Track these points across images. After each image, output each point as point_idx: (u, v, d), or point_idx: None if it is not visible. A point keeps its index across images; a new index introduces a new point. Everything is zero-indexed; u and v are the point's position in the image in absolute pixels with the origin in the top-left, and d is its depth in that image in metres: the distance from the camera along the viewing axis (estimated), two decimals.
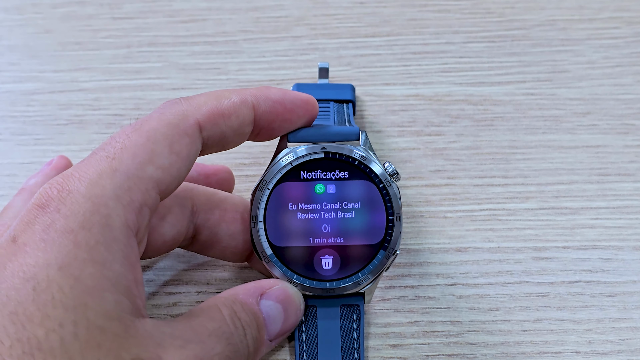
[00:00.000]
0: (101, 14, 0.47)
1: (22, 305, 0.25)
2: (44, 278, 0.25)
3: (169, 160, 0.28)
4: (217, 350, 0.28)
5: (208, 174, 0.36)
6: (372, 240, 0.32)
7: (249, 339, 0.30)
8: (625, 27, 0.46)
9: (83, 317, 0.25)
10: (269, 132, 0.32)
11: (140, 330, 0.26)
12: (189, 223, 0.33)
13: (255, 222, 0.32)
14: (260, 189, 0.32)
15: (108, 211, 0.27)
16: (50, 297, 0.25)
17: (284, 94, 0.32)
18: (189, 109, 0.30)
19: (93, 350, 0.25)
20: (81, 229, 0.26)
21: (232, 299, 0.30)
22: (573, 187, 0.39)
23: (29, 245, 0.26)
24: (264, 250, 0.32)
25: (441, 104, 0.42)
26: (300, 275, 0.32)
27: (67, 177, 0.27)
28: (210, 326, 0.29)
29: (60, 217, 0.26)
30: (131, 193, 0.27)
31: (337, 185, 0.32)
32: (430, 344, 0.34)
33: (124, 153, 0.28)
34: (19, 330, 0.24)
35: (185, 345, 0.27)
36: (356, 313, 0.33)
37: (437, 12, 0.47)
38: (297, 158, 0.32)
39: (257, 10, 0.47)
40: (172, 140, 0.29)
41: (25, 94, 0.44)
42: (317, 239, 0.32)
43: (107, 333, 0.25)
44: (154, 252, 0.33)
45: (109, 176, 0.27)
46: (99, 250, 0.26)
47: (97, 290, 0.25)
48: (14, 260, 0.26)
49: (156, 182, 0.28)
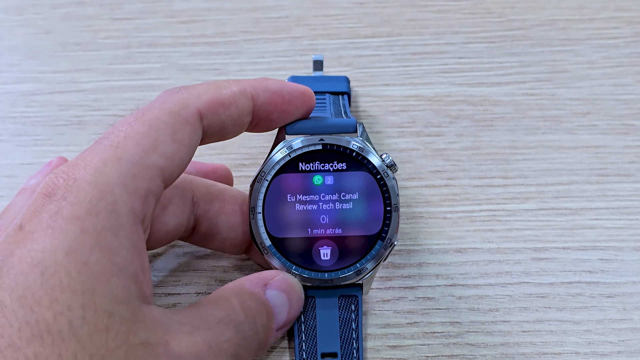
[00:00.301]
0: (101, 15, 0.47)
1: (30, 290, 0.25)
2: (51, 263, 0.25)
3: (172, 148, 0.29)
4: (226, 337, 0.28)
5: (206, 172, 0.37)
6: (370, 231, 0.33)
7: (260, 327, 0.30)
8: (625, 27, 0.46)
9: (91, 301, 0.25)
10: (267, 122, 0.33)
11: (147, 315, 0.27)
12: (190, 214, 0.33)
13: (254, 213, 0.33)
14: (258, 181, 0.33)
15: (114, 198, 0.27)
16: (59, 281, 0.25)
17: (282, 85, 0.32)
18: (189, 98, 0.30)
19: (101, 333, 0.25)
20: (88, 215, 0.26)
21: (240, 289, 0.31)
22: (573, 188, 0.39)
23: (36, 232, 0.26)
24: (263, 241, 0.33)
25: (441, 105, 0.42)
26: (299, 266, 0.33)
27: (73, 166, 0.27)
28: (218, 314, 0.29)
29: (67, 204, 0.26)
30: (136, 181, 0.28)
31: (335, 176, 0.33)
32: (429, 344, 0.34)
33: (127, 141, 0.28)
34: (28, 313, 0.24)
35: (193, 332, 0.28)
36: (354, 304, 0.33)
37: (437, 13, 0.47)
38: (295, 150, 0.33)
39: (257, 10, 0.47)
40: (174, 128, 0.29)
41: (25, 95, 0.44)
42: (316, 230, 0.33)
43: (115, 317, 0.25)
44: (156, 243, 0.33)
45: (114, 164, 0.27)
46: (106, 236, 0.26)
47: (104, 275, 0.26)
48: (21, 247, 0.26)
49: (160, 170, 0.28)
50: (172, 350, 0.27)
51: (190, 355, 0.27)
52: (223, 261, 0.36)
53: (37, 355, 0.24)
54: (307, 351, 0.32)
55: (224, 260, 0.36)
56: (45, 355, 0.24)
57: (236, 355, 0.29)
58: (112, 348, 0.25)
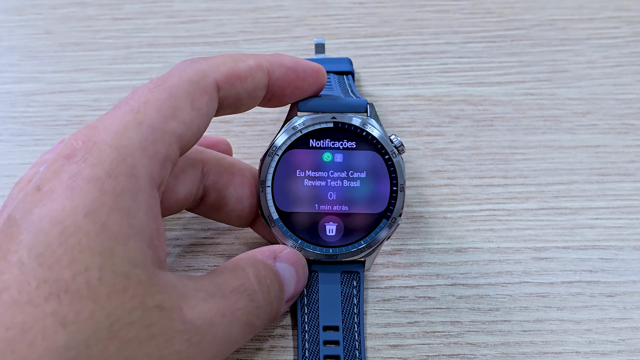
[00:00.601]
0: (101, 15, 0.47)
1: (49, 248, 0.25)
2: (71, 223, 0.25)
3: (190, 116, 0.29)
4: (240, 305, 0.29)
5: (209, 145, 0.37)
6: (375, 209, 0.33)
7: (273, 298, 0.30)
8: (625, 27, 0.46)
9: (109, 262, 0.25)
10: (280, 98, 0.33)
11: (163, 279, 0.27)
12: (200, 184, 0.34)
13: (263, 186, 0.33)
14: (269, 155, 0.33)
15: (134, 161, 0.27)
16: (78, 241, 0.25)
17: (297, 61, 0.33)
18: (208, 69, 0.30)
19: (118, 294, 0.25)
20: (108, 177, 0.26)
21: (254, 260, 0.31)
22: (573, 187, 0.39)
23: (56, 192, 0.26)
24: (271, 214, 0.33)
25: (441, 105, 0.42)
26: (304, 240, 0.33)
27: (93, 129, 0.28)
28: (234, 283, 0.29)
29: (87, 165, 0.26)
30: (156, 145, 0.28)
31: (345, 154, 0.33)
32: (430, 344, 0.34)
33: (148, 107, 0.28)
34: (46, 271, 0.25)
35: (208, 299, 0.28)
36: (356, 280, 0.34)
37: (436, 13, 0.47)
38: (307, 126, 0.33)
39: (257, 10, 0.47)
40: (193, 97, 0.29)
41: (25, 95, 0.44)
42: (323, 206, 0.33)
43: (131, 279, 0.26)
44: (166, 210, 0.33)
45: (135, 128, 0.28)
46: (125, 198, 0.26)
47: (122, 237, 0.26)
48: (41, 205, 0.26)
49: (178, 137, 0.29)
50: (186, 316, 0.27)
51: (204, 321, 0.27)
52: (228, 225, 0.36)
53: (54, 313, 0.24)
54: (310, 324, 0.33)
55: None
56: (64, 312, 0.24)
57: (249, 324, 0.29)
58: (129, 309, 0.25)
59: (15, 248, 0.25)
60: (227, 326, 0.28)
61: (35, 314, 0.24)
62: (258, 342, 0.34)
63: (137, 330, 0.25)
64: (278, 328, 0.34)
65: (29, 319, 0.24)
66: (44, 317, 0.24)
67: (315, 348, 0.32)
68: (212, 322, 0.28)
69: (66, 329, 0.24)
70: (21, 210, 0.26)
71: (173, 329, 0.26)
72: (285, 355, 0.33)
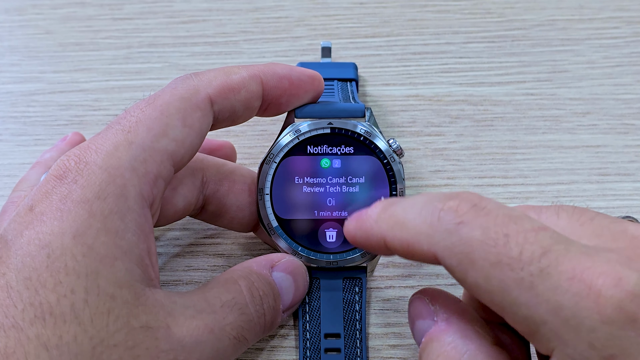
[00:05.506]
0: (101, 15, 0.47)
1: (36, 272, 0.25)
2: (58, 246, 0.26)
3: (183, 133, 0.29)
4: (230, 320, 0.29)
5: (212, 149, 0.37)
6: None
7: (266, 309, 0.30)
8: (625, 27, 0.46)
9: (94, 284, 0.25)
10: (277, 106, 0.33)
11: (150, 298, 0.27)
12: (199, 194, 0.34)
13: (262, 194, 0.33)
14: (267, 162, 0.33)
15: (124, 182, 0.27)
16: (64, 264, 0.25)
17: (291, 69, 0.33)
18: (200, 84, 0.30)
19: (103, 316, 0.25)
20: (96, 199, 0.27)
21: (248, 271, 0.31)
22: (573, 187, 0.39)
23: (46, 214, 0.26)
24: (270, 222, 0.33)
25: (441, 105, 0.43)
26: (304, 247, 0.33)
27: (84, 149, 0.28)
28: (224, 297, 0.29)
29: (77, 187, 0.27)
30: (147, 165, 0.28)
31: (343, 160, 0.33)
32: None
33: (139, 126, 0.28)
34: (32, 295, 0.25)
35: (196, 315, 0.28)
36: (358, 285, 0.34)
37: (437, 13, 0.47)
38: (304, 133, 0.33)
39: (257, 11, 0.47)
40: (185, 113, 0.29)
41: (25, 95, 0.44)
42: (322, 212, 0.33)
43: (117, 300, 0.26)
44: (165, 221, 0.33)
45: (125, 148, 0.28)
46: (113, 219, 0.27)
47: (109, 258, 0.26)
48: (30, 228, 0.26)
49: (170, 155, 0.29)
50: (173, 334, 0.27)
51: (191, 338, 0.27)
52: (231, 232, 0.36)
53: (38, 337, 0.24)
54: (311, 331, 0.33)
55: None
56: (47, 336, 0.24)
57: (239, 338, 0.29)
58: (113, 331, 0.25)
59: (4, 271, 0.26)
60: (215, 342, 0.28)
61: (18, 338, 0.24)
62: (258, 342, 0.34)
63: (121, 352, 0.25)
64: (278, 335, 0.34)
65: (11, 344, 0.24)
66: (27, 341, 0.24)
67: (316, 356, 0.32)
68: (199, 340, 0.27)
69: (49, 352, 0.24)
70: (12, 231, 0.27)
71: (158, 348, 0.26)
72: (286, 355, 0.33)
